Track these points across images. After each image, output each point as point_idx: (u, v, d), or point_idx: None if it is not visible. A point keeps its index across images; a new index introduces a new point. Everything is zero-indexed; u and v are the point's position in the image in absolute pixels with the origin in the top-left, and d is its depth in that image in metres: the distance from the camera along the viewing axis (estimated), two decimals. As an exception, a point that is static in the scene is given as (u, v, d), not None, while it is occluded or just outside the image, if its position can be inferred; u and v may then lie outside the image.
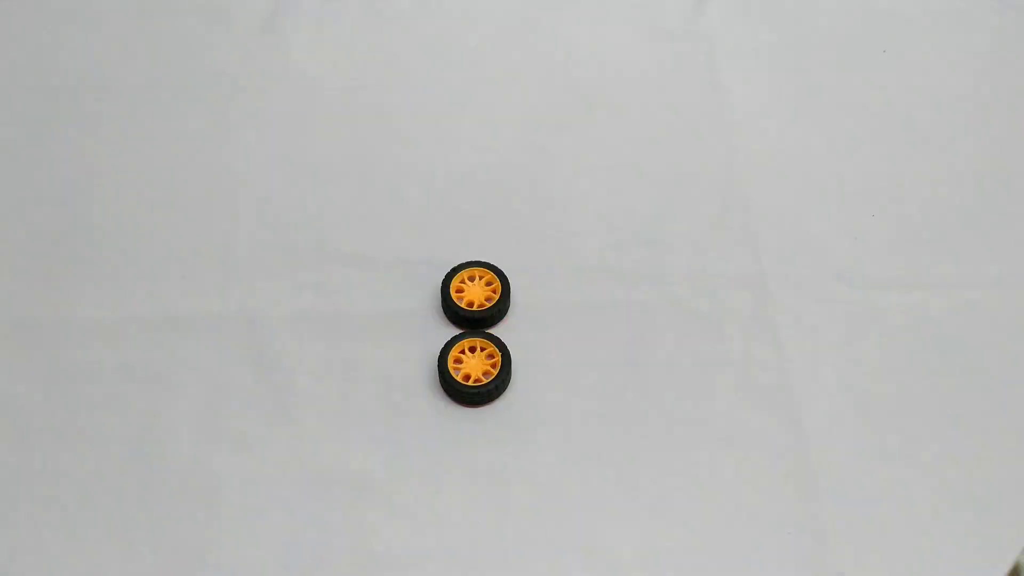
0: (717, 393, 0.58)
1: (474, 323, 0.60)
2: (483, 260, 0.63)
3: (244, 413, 0.57)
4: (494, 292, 0.61)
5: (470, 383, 0.57)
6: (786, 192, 0.68)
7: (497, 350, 0.58)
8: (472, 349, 0.59)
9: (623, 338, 0.60)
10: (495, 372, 0.57)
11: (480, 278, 0.62)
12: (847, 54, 0.77)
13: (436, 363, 0.58)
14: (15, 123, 0.73)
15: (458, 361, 0.58)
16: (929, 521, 0.53)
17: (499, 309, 0.61)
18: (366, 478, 0.55)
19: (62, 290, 0.63)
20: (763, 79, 0.75)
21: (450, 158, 0.71)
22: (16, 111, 0.74)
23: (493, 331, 0.60)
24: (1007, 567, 0.51)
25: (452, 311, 0.61)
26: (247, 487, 0.54)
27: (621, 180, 0.69)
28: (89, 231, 0.66)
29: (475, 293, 0.61)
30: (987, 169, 0.69)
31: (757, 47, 0.78)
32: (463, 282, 0.62)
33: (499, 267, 0.62)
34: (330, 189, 0.69)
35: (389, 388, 0.58)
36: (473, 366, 0.58)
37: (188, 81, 0.76)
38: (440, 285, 0.62)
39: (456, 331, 0.61)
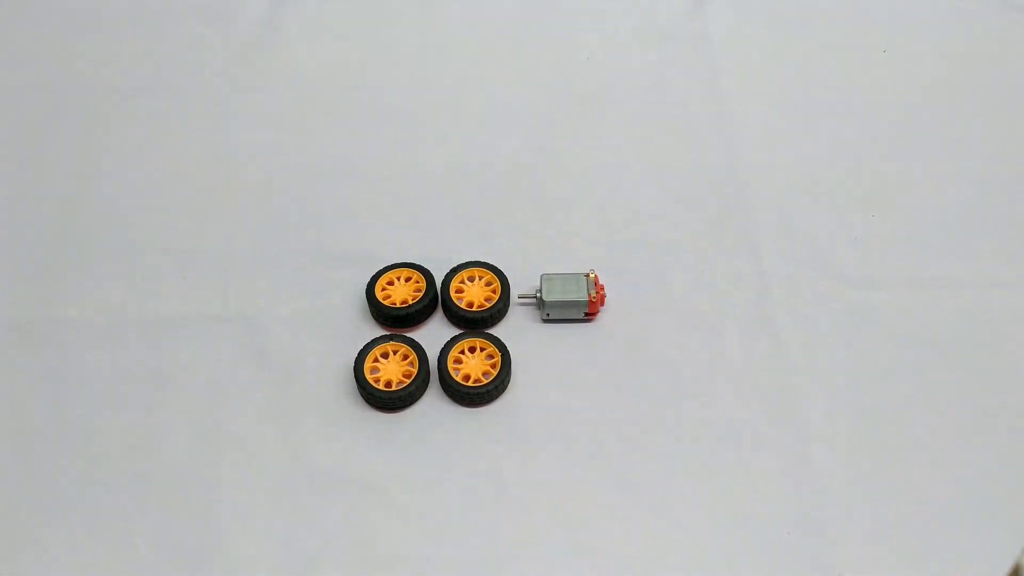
0: (717, 393, 0.58)
1: (474, 323, 0.60)
2: (483, 260, 0.63)
3: (244, 413, 0.57)
4: (494, 292, 0.61)
5: (470, 383, 0.57)
6: (786, 192, 0.68)
7: (497, 350, 0.58)
8: (472, 349, 0.59)
9: (623, 338, 0.60)
10: (495, 372, 0.57)
11: (480, 278, 0.62)
12: (847, 54, 0.77)
13: (436, 363, 0.58)
14: (15, 123, 0.73)
15: (458, 361, 0.58)
16: (929, 521, 0.53)
17: (499, 309, 0.61)
18: (366, 478, 0.55)
19: (62, 290, 0.63)
20: (763, 79, 0.75)
21: (450, 158, 0.71)
22: (16, 111, 0.74)
23: (493, 331, 0.60)
24: (1007, 567, 0.50)
25: (452, 311, 0.60)
26: (247, 487, 0.54)
27: (621, 180, 0.69)
28: (89, 232, 0.66)
29: (475, 293, 0.61)
30: (987, 169, 0.69)
31: (757, 47, 0.78)
32: (463, 282, 0.62)
33: (499, 267, 0.62)
34: (330, 189, 0.69)
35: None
36: (473, 366, 0.58)
37: (188, 81, 0.76)
38: (440, 285, 0.62)
39: (456, 331, 0.61)
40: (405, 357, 0.58)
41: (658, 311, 0.62)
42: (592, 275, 0.61)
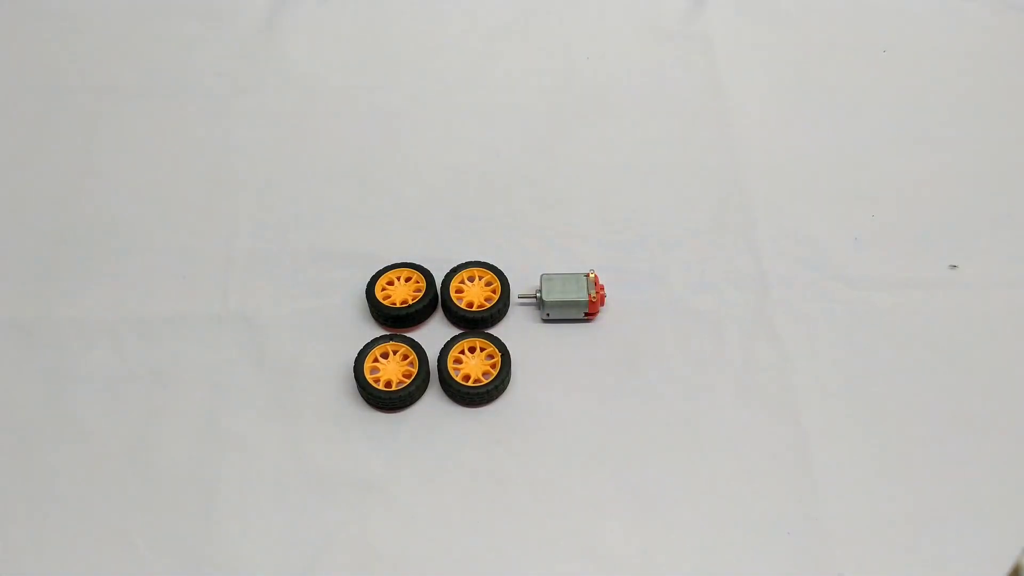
0: (717, 393, 0.58)
1: (474, 323, 0.60)
2: (483, 260, 0.63)
3: (244, 413, 0.57)
4: (494, 292, 0.61)
5: (470, 383, 0.57)
6: (786, 192, 0.68)
7: (497, 350, 0.58)
8: (472, 349, 0.59)
9: (623, 338, 0.60)
10: (495, 372, 0.57)
11: (480, 278, 0.62)
12: (847, 54, 0.77)
13: (436, 363, 0.58)
14: (15, 123, 0.73)
15: (458, 361, 0.58)
16: (929, 521, 0.53)
17: (499, 309, 0.61)
18: (366, 478, 0.55)
19: (62, 290, 0.63)
20: (763, 79, 0.75)
21: (450, 158, 0.71)
22: (16, 111, 0.74)
23: (493, 331, 0.60)
24: (1007, 567, 0.51)
25: (452, 311, 0.60)
26: (247, 487, 0.54)
27: (621, 180, 0.69)
28: (89, 231, 0.66)
29: (475, 293, 0.61)
30: (987, 169, 0.69)
31: (757, 47, 0.78)
32: (463, 282, 0.62)
33: (499, 267, 0.62)
34: (329, 189, 0.69)
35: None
36: (473, 366, 0.58)
37: (188, 81, 0.76)
38: (440, 285, 0.62)
39: (456, 331, 0.61)
40: (405, 357, 0.58)
41: (658, 311, 0.62)
42: (592, 275, 0.61)
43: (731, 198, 0.68)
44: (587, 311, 0.60)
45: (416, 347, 0.58)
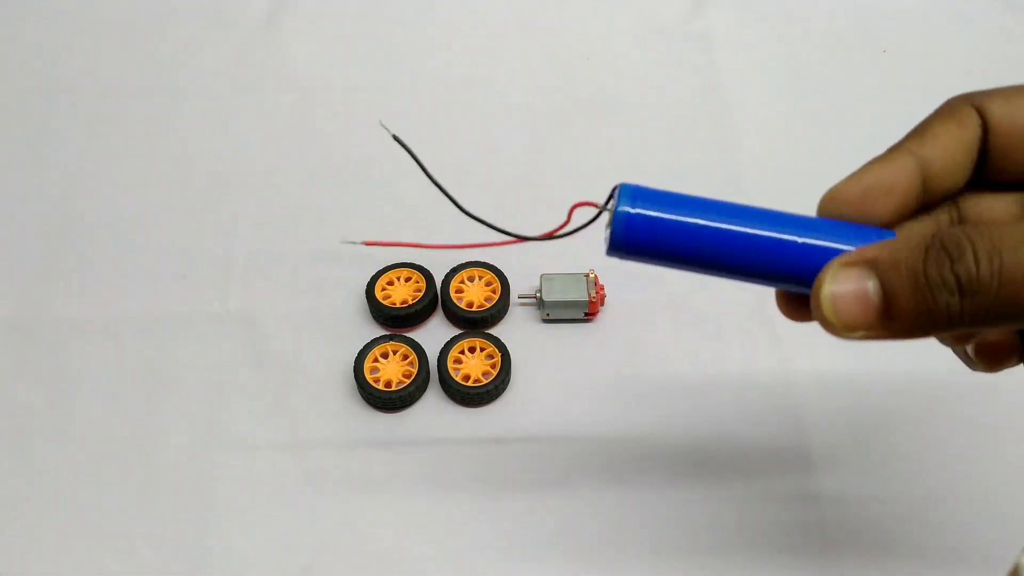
0: (717, 393, 0.58)
1: (474, 323, 0.60)
2: (483, 260, 0.63)
3: (244, 413, 0.57)
4: (494, 292, 0.61)
5: (470, 383, 0.57)
6: (786, 192, 0.68)
7: (497, 350, 0.58)
8: (472, 349, 0.59)
9: (623, 338, 0.60)
10: (495, 372, 0.57)
11: (480, 278, 0.62)
12: (847, 54, 0.77)
13: (435, 363, 0.58)
14: (15, 123, 0.73)
15: (458, 361, 0.58)
16: (930, 520, 0.53)
17: (499, 309, 0.61)
18: (366, 478, 0.55)
19: (62, 290, 0.63)
20: (763, 79, 0.75)
21: (450, 158, 0.70)
22: (16, 111, 0.74)
23: (493, 331, 0.60)
24: (1007, 567, 0.50)
25: (452, 311, 0.60)
26: (247, 487, 0.54)
27: (621, 180, 0.69)
28: (88, 231, 0.66)
29: (475, 293, 0.61)
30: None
31: (757, 47, 0.78)
32: (463, 282, 0.62)
33: (499, 267, 0.62)
34: (329, 189, 0.69)
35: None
36: (473, 366, 0.58)
37: (188, 81, 0.76)
38: (440, 285, 0.62)
39: (456, 331, 0.61)
40: (405, 357, 0.58)
41: (658, 311, 0.62)
42: (592, 275, 0.61)
43: (731, 198, 0.67)
44: (587, 311, 0.60)
45: (416, 347, 0.58)
